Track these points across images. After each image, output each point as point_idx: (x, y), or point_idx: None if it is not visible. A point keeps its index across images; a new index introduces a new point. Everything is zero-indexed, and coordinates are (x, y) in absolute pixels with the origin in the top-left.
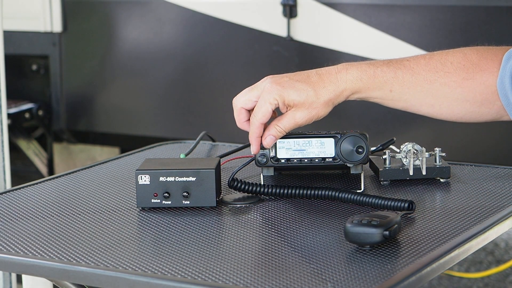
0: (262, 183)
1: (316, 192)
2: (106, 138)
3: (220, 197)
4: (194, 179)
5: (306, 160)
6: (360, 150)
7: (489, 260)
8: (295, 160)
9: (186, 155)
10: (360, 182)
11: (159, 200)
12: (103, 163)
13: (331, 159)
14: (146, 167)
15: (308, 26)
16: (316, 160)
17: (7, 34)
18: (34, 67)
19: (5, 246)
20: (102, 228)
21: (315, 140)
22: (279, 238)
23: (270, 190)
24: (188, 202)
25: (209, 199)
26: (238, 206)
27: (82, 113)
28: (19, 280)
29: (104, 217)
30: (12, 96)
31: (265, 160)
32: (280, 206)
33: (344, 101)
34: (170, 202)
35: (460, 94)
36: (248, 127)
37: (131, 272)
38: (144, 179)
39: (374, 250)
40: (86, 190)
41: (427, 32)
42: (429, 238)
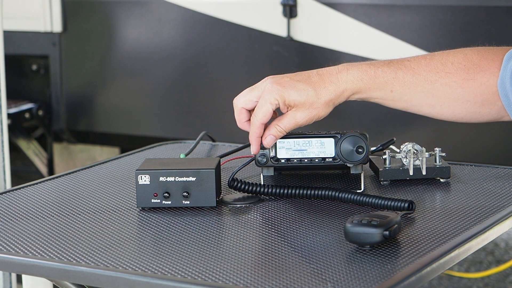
0: (262, 183)
1: (316, 192)
2: (106, 138)
3: (220, 197)
4: (194, 179)
5: (306, 160)
6: (360, 150)
7: (489, 260)
8: (295, 160)
9: (186, 155)
10: (360, 182)
11: (159, 200)
12: (103, 163)
13: (331, 159)
14: (146, 167)
15: (308, 26)
16: (316, 160)
17: (7, 34)
18: (34, 67)
19: (5, 246)
20: (102, 228)
21: (315, 140)
22: (279, 238)
23: (270, 190)
24: (188, 202)
25: (209, 199)
26: (238, 206)
27: (82, 113)
28: (19, 280)
29: (104, 217)
30: (12, 96)
31: (265, 160)
32: (280, 206)
33: (345, 101)
34: (170, 202)
35: (461, 95)
36: (248, 127)
37: (131, 272)
38: (144, 179)
39: (374, 250)
40: (86, 190)
41: (427, 32)
42: (429, 238)
